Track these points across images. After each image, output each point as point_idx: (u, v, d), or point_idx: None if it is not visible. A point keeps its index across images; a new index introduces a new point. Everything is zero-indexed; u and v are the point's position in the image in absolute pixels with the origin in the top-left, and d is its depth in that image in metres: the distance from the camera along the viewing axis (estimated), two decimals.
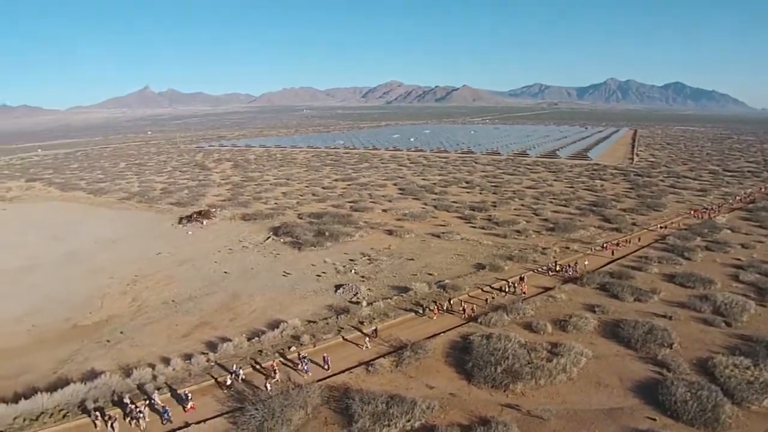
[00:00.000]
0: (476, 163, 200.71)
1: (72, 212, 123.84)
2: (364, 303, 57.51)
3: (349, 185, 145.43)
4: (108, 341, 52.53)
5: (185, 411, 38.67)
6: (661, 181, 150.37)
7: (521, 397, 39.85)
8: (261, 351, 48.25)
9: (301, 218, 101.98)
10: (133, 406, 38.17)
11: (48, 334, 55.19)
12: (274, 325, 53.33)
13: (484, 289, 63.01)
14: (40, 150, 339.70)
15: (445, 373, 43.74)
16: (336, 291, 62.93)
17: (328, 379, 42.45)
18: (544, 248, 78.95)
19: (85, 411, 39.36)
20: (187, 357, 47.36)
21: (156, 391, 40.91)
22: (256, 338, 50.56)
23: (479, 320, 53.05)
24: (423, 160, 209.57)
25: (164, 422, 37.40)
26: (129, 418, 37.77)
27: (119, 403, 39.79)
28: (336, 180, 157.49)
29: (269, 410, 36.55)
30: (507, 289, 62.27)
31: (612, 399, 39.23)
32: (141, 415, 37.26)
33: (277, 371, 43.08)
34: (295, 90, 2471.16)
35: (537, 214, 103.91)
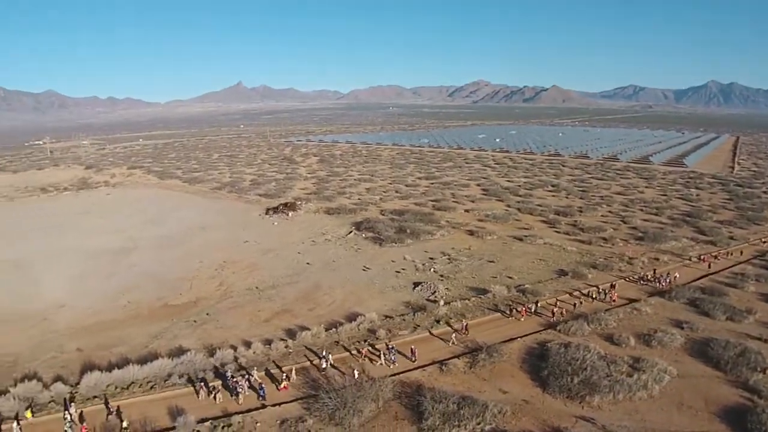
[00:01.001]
0: (563, 166, 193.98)
1: (168, 199, 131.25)
2: (442, 302, 57.12)
3: (432, 184, 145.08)
4: (195, 321, 55.33)
5: (278, 390, 40.26)
6: (764, 192, 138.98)
7: (597, 410, 38.01)
8: (337, 342, 49.10)
9: (383, 214, 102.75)
10: (234, 381, 40.21)
11: (142, 311, 58.98)
12: (352, 317, 54.08)
13: (573, 294, 60.92)
14: (141, 140, 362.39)
15: (519, 379, 42.60)
16: (414, 288, 62.90)
17: (401, 375, 42.53)
18: (631, 258, 75.20)
19: (190, 381, 42.09)
20: (267, 342, 49.07)
21: (254, 369, 42.92)
22: (334, 329, 51.47)
23: (558, 328, 51.19)
24: (508, 161, 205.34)
25: (260, 398, 39.04)
26: (229, 392, 40.18)
27: (222, 376, 42.18)
28: (419, 178, 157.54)
29: (342, 399, 37.02)
30: (597, 296, 59.93)
31: (695, 422, 36.55)
32: (241, 389, 39.27)
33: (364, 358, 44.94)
34: (383, 88, 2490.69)
35: (625, 222, 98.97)
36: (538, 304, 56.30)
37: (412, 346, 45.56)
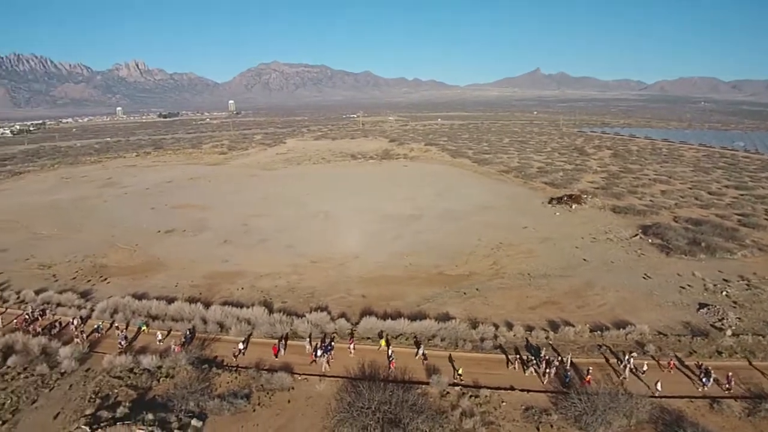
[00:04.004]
0: None
1: (457, 176, 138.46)
2: (729, 331, 48.72)
3: (741, 195, 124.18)
4: (465, 293, 57.77)
5: (583, 383, 39.35)
6: None
7: None
8: (600, 346, 46.18)
9: (676, 221, 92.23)
10: (546, 361, 41.11)
11: (419, 274, 64.00)
12: (620, 324, 50.02)
13: None
14: (439, 120, 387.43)
15: None
16: (699, 309, 55.16)
17: (662, 399, 38.06)
18: None
19: (501, 349, 44.68)
20: (529, 328, 48.65)
21: (569, 354, 43.52)
22: (599, 332, 48.44)
23: None
24: None
25: (564, 385, 39.08)
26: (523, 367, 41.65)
27: (537, 352, 43.30)
28: (726, 186, 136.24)
29: (592, 405, 34.87)
30: None
31: None
32: (548, 372, 40.24)
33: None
34: (694, 80, 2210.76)
35: None
36: None
37: (729, 373, 39.58)
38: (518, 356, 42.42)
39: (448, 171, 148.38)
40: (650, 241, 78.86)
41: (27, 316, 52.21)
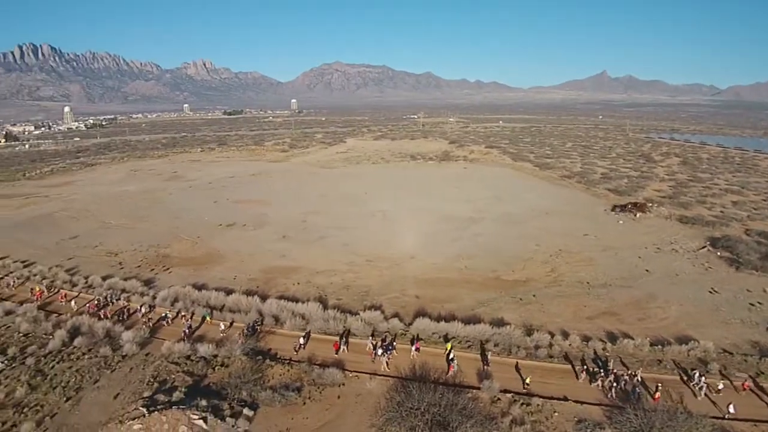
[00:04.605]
0: None
1: (517, 180, 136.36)
2: None
3: None
4: (521, 299, 56.61)
5: (653, 400, 37.87)
6: None
7: None
8: (660, 361, 44.16)
9: (748, 234, 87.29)
10: (614, 374, 39.81)
11: (475, 278, 63.23)
12: (683, 339, 47.60)
13: None
14: (501, 122, 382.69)
15: None
16: None
17: (725, 420, 35.96)
18: None
19: (567, 359, 43.61)
20: (585, 338, 47.03)
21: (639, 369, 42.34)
22: (660, 346, 46.27)
23: None
24: None
25: (631, 401, 37.34)
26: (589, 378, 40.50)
27: (604, 367, 41.88)
28: None
29: (648, 422, 33.29)
30: None
31: None
32: (615, 386, 38.84)
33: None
34: None
35: None
36: None
37: None
38: (584, 367, 41.16)
39: (509, 174, 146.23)
40: (719, 254, 75.04)
41: (98, 302, 54.91)
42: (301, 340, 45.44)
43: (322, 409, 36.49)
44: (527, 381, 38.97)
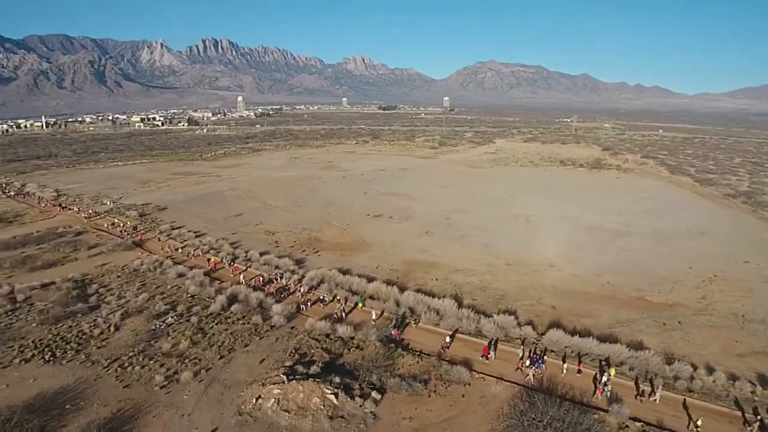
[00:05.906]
0: None
1: (674, 195, 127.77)
2: None
3: None
4: (664, 324, 54.04)
5: None
6: None
7: None
8: None
9: None
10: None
11: (617, 295, 61.43)
12: None
13: None
14: (661, 131, 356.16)
15: None
16: None
17: None
18: None
19: (738, 405, 39.58)
20: (732, 377, 43.22)
21: None
22: None
23: None
24: None
25: None
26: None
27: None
28: None
29: None
30: None
31: None
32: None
33: None
34: None
35: None
36: None
37: None
38: (758, 418, 36.80)
39: (665, 188, 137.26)
40: None
41: (262, 278, 62.24)
42: (447, 339, 46.71)
43: (446, 404, 38.32)
44: (698, 423, 35.68)
